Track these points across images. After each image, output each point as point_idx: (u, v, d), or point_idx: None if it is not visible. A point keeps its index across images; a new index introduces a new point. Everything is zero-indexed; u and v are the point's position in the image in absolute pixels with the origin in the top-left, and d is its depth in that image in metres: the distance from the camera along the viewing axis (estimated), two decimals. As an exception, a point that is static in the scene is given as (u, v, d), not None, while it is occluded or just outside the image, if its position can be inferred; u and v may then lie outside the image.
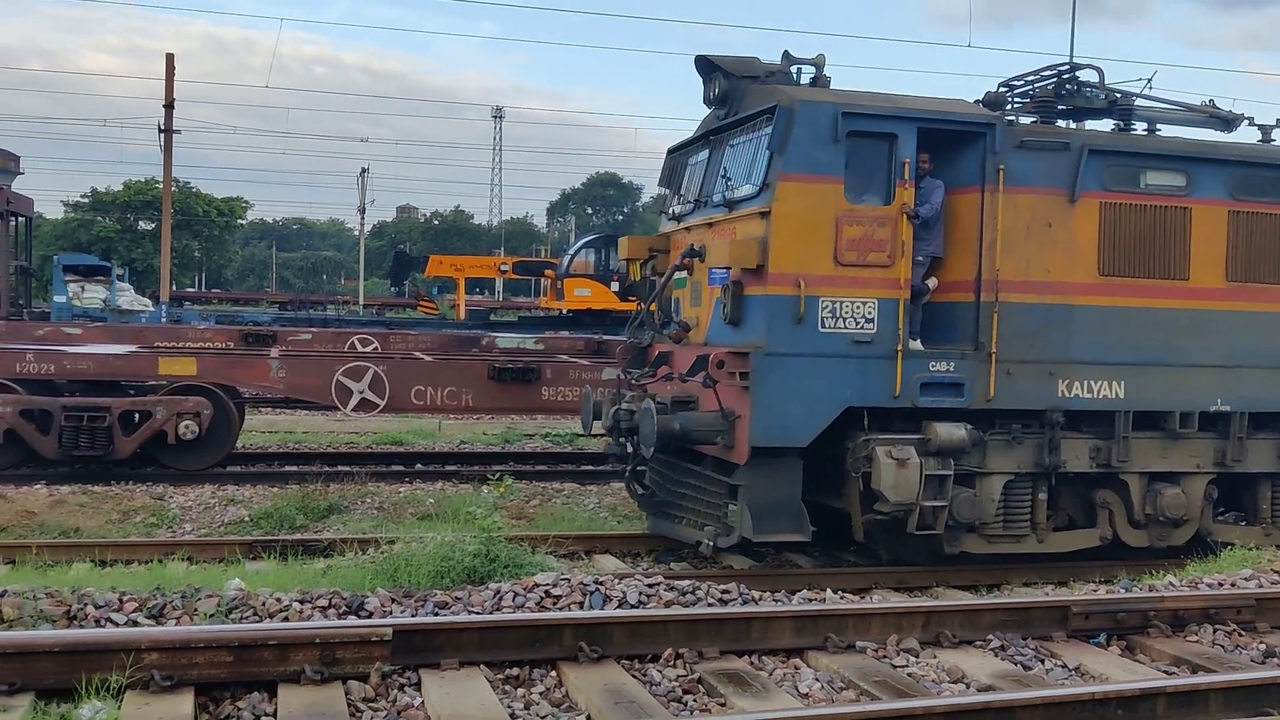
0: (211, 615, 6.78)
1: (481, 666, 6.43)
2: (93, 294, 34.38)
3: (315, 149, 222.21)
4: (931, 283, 10.70)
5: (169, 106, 37.03)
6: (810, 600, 7.81)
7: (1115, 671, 6.99)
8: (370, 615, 6.92)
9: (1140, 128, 11.70)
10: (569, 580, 7.58)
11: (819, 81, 10.75)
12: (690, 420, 10.28)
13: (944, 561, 10.56)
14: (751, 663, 6.81)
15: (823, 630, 7.05)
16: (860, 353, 10.13)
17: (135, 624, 6.62)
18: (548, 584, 7.51)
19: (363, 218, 71.28)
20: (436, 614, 7.01)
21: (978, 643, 7.31)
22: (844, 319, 10.13)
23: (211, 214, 69.18)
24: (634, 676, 6.47)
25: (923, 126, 10.39)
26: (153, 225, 62.47)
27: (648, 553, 11.70)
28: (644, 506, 11.83)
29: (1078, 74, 11.52)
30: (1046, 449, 10.64)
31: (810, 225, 10.02)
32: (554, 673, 6.51)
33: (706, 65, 11.19)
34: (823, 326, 10.05)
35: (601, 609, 7.22)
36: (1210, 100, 12.17)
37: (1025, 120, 11.25)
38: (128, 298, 37.05)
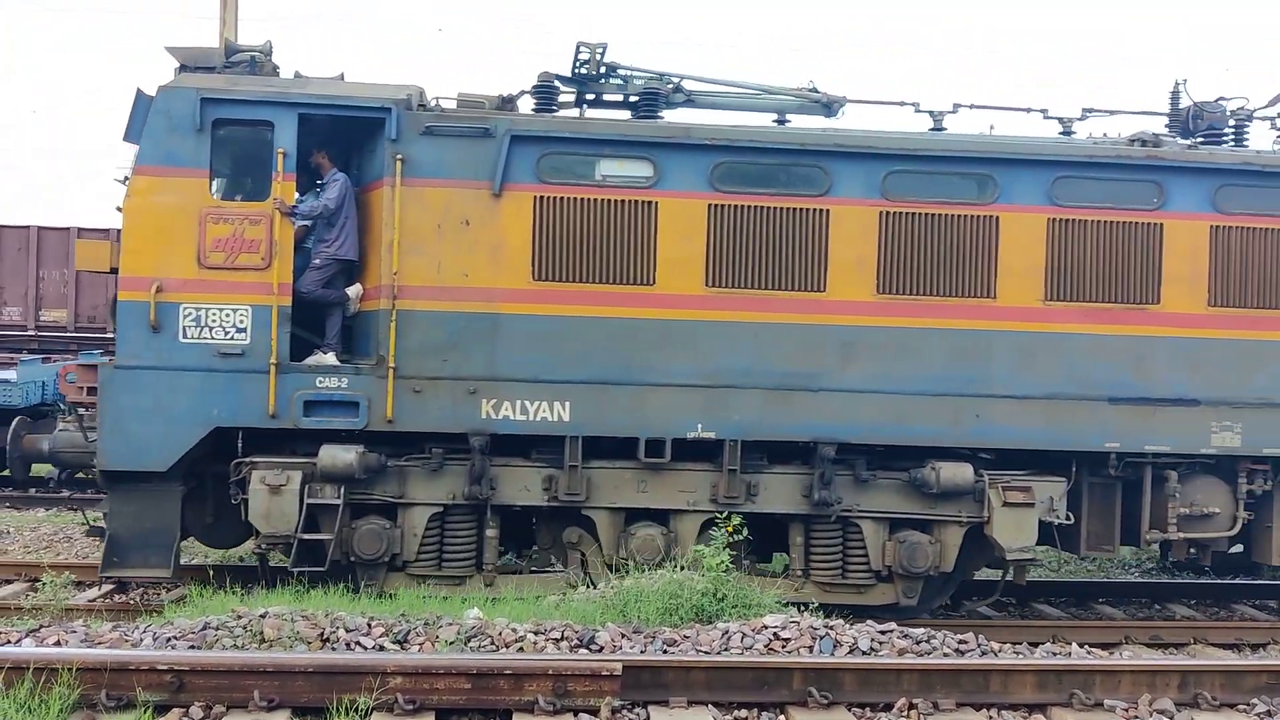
0: (451, 643, 7.06)
1: (709, 706, 6.45)
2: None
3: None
4: (354, 290, 9.85)
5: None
6: (1055, 654, 7.49)
7: (1403, 747, 6.35)
8: (600, 649, 7.05)
9: (761, 120, 10.43)
10: (798, 623, 7.49)
11: (262, 70, 9.88)
12: (58, 440, 9.69)
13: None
14: (990, 716, 6.64)
15: (1067, 686, 6.77)
16: (230, 366, 9.32)
17: (382, 648, 6.96)
18: (777, 626, 7.45)
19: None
20: (665, 651, 7.07)
21: (1240, 706, 6.89)
22: (210, 328, 9.33)
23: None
24: (865, 725, 6.32)
25: (306, 113, 9.49)
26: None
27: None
28: (92, 535, 10.67)
29: (596, 52, 10.29)
30: (470, 478, 9.58)
31: (168, 224, 9.28)
32: (782, 716, 6.52)
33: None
34: (184, 336, 9.30)
35: (832, 654, 7.10)
36: (810, 84, 10.72)
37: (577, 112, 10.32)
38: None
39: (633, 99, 10.52)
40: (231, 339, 9.32)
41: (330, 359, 9.66)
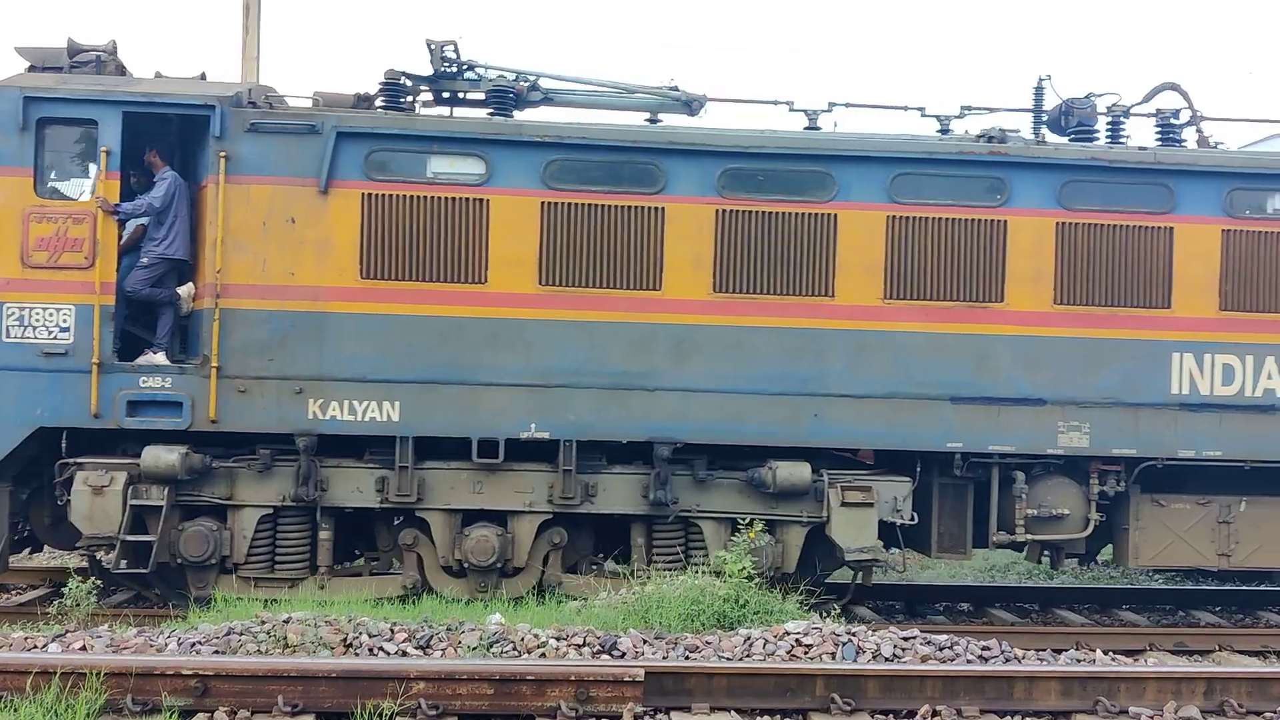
0: (474, 648, 7.04)
1: (732, 712, 6.43)
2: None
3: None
4: (185, 290, 9.67)
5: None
6: (1079, 661, 7.45)
7: None
8: (623, 655, 7.03)
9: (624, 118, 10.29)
10: (821, 630, 7.47)
11: (105, 70, 9.77)
12: None
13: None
14: (1013, 724, 6.52)
15: (1092, 693, 6.71)
16: (54, 366, 9.22)
17: (405, 654, 6.95)
18: (799, 632, 7.42)
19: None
20: (687, 657, 7.06)
21: (1267, 714, 6.78)
22: (34, 328, 9.23)
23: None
24: (888, 731, 6.31)
25: (130, 111, 9.39)
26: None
27: (904, 605, 11.39)
28: None
29: (446, 49, 10.19)
30: (297, 479, 9.45)
31: None
32: (805, 723, 6.42)
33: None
34: (8, 336, 9.22)
35: (854, 661, 7.08)
36: (672, 82, 10.53)
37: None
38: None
39: (482, 96, 10.38)
40: (55, 339, 9.23)
41: (160, 359, 9.50)
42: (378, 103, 10.12)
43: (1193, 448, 10.11)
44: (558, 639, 7.18)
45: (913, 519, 9.94)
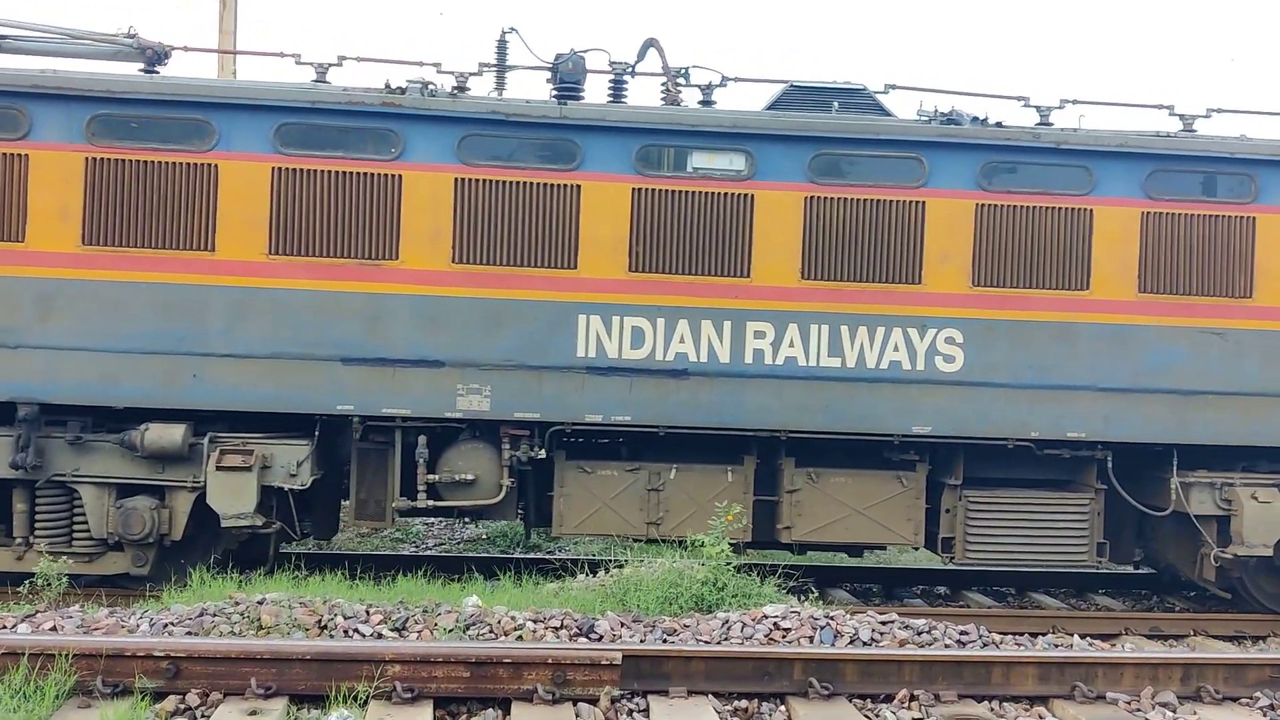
0: (450, 630, 6.97)
1: (709, 696, 6.39)
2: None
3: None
4: None
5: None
6: (1056, 645, 7.45)
7: None
8: (600, 638, 6.97)
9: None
10: (799, 613, 7.43)
11: None
12: None
13: None
14: (991, 708, 6.51)
15: (1069, 679, 6.68)
16: None
17: (380, 636, 6.88)
18: (777, 616, 7.38)
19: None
20: (665, 640, 7.00)
21: (1243, 700, 6.76)
22: None
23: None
24: (866, 716, 6.30)
25: None
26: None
27: (882, 588, 11.41)
28: None
29: None
30: None
31: None
32: (783, 707, 6.41)
33: None
34: None
35: (833, 645, 7.05)
36: (131, 29, 10.10)
37: None
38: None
39: None
40: None
41: None
42: None
43: (600, 412, 9.83)
44: (535, 621, 7.12)
45: (305, 486, 9.64)
